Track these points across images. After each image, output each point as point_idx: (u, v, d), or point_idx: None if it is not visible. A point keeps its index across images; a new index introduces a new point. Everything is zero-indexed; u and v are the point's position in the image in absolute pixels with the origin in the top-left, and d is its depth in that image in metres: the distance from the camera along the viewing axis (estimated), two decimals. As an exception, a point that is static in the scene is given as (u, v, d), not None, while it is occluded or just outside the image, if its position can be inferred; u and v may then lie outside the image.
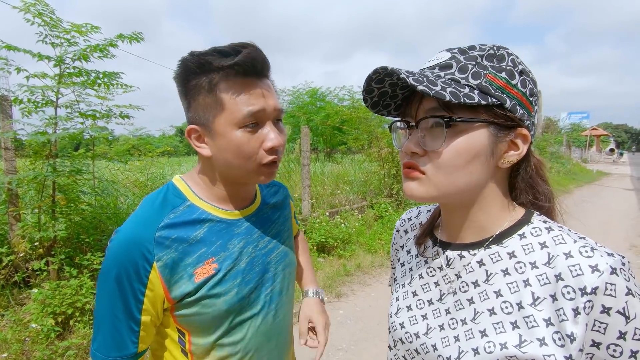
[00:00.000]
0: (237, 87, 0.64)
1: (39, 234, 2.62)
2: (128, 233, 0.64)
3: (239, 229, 0.74)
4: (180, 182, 0.74)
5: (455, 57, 0.50)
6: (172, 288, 0.65)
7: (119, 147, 3.56)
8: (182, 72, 0.65)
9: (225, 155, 0.66)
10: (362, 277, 3.80)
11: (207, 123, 0.66)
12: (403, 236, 0.74)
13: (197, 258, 0.67)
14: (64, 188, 2.84)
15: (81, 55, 2.72)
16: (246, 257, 0.73)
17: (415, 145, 0.51)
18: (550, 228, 0.52)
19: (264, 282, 0.76)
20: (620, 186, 11.80)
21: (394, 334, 0.63)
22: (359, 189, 6.27)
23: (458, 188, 0.51)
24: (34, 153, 2.76)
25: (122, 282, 0.62)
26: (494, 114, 0.49)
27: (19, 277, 2.68)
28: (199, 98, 0.65)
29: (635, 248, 4.86)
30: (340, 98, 14.76)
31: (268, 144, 0.66)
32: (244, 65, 0.63)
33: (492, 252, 0.54)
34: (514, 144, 0.51)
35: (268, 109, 0.66)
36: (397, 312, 0.63)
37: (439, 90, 0.46)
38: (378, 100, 0.56)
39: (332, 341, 2.65)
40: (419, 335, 0.58)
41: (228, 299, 0.69)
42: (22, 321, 2.39)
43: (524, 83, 0.51)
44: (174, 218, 0.67)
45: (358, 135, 6.74)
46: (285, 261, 0.82)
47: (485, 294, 0.52)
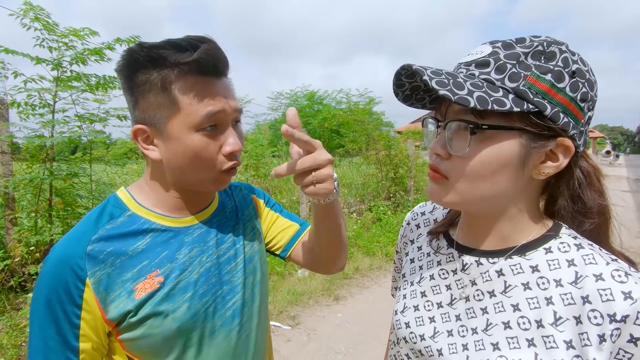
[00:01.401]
0: (195, 87, 0.57)
1: (36, 237, 2.60)
2: (57, 252, 0.57)
3: (190, 237, 0.66)
4: (123, 192, 0.67)
5: (495, 53, 0.45)
6: (108, 308, 0.57)
7: (117, 150, 3.56)
8: (128, 64, 0.58)
9: (179, 160, 0.60)
10: (360, 280, 3.79)
11: (158, 123, 0.59)
12: (414, 230, 0.71)
13: (138, 272, 0.59)
14: (61, 192, 2.82)
15: (78, 58, 2.72)
16: (199, 267, 0.65)
17: (442, 147, 0.49)
18: (580, 245, 0.48)
19: (224, 295, 0.67)
20: (617, 188, 11.85)
21: (398, 332, 0.61)
22: (357, 191, 6.28)
23: (481, 197, 0.48)
24: (30, 156, 2.76)
25: (53, 306, 0.55)
26: (528, 122, 0.44)
27: (15, 282, 2.65)
28: (149, 96, 0.58)
29: (633, 249, 4.88)
30: (338, 101, 14.81)
31: (227, 149, 0.61)
32: (203, 63, 0.56)
33: (514, 263, 0.50)
34: (554, 154, 0.46)
35: (228, 110, 0.60)
36: (404, 310, 0.61)
37: (464, 95, 0.42)
38: (410, 94, 0.53)
39: (331, 344, 2.64)
40: (425, 338, 0.56)
41: (178, 316, 0.60)
42: (18, 326, 2.37)
43: (575, 86, 0.45)
44: (111, 229, 0.60)
45: (355, 138, 6.76)
46: (249, 268, 0.73)
47: (502, 306, 0.50)
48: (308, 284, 3.56)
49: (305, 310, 3.11)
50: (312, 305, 3.22)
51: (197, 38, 0.58)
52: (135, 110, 0.61)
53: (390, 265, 4.19)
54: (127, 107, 2.16)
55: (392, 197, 6.16)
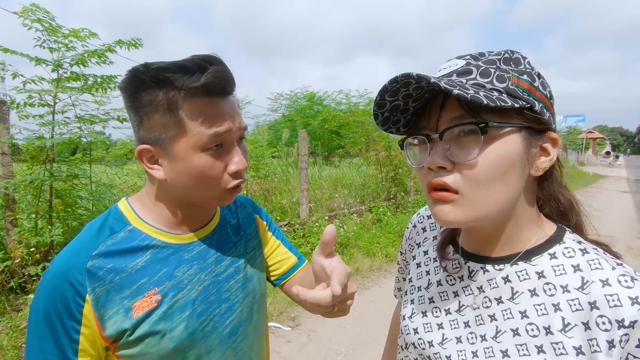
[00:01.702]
0: (202, 108, 0.57)
1: (36, 238, 2.60)
2: (57, 264, 0.57)
3: (190, 254, 0.66)
4: (124, 205, 0.66)
5: (470, 62, 0.47)
6: (105, 325, 0.57)
7: (117, 151, 3.56)
8: (133, 84, 0.57)
9: (185, 179, 0.60)
10: (360, 281, 3.79)
11: (163, 144, 0.59)
12: (420, 233, 0.70)
13: (137, 290, 0.59)
14: (61, 193, 2.83)
15: (79, 60, 2.72)
16: (198, 286, 0.65)
17: (442, 158, 0.46)
18: (585, 250, 0.48)
19: (222, 313, 0.67)
20: (617, 189, 11.86)
21: (407, 338, 0.60)
22: (357, 192, 6.28)
23: (499, 204, 0.46)
24: (31, 158, 2.76)
25: (52, 320, 0.55)
26: (525, 118, 0.46)
27: (15, 283, 2.65)
28: (155, 116, 0.57)
29: (633, 250, 4.88)
30: (338, 102, 14.82)
31: (232, 168, 0.61)
32: (211, 87, 0.57)
33: (520, 270, 0.50)
34: (544, 149, 0.49)
35: (233, 129, 0.60)
36: (412, 316, 0.61)
37: (474, 94, 0.42)
38: (389, 115, 0.52)
39: (331, 345, 2.64)
40: (433, 344, 0.55)
41: (175, 335, 0.60)
42: (18, 327, 2.37)
43: (544, 85, 0.49)
44: (111, 245, 0.60)
45: (355, 139, 6.76)
46: (249, 287, 0.73)
47: (510, 313, 0.49)
48: (308, 285, 3.55)
49: (305, 311, 3.10)
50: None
51: (204, 59, 0.57)
52: (139, 130, 0.60)
53: (390, 266, 4.19)
54: (127, 108, 2.06)
55: (392, 198, 6.16)
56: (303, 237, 4.34)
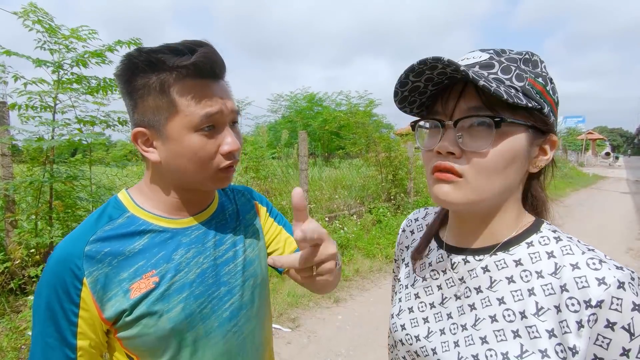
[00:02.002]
0: (193, 89, 0.59)
1: (35, 240, 2.60)
2: (57, 251, 0.60)
3: (188, 238, 0.67)
4: (123, 194, 0.68)
5: (493, 57, 0.49)
6: (104, 307, 0.59)
7: (116, 152, 3.56)
8: (127, 69, 0.59)
9: (178, 160, 0.61)
10: (360, 282, 3.79)
11: (157, 126, 0.60)
12: (409, 237, 0.73)
13: (134, 272, 0.60)
14: (61, 194, 2.83)
15: (79, 61, 2.73)
16: (196, 268, 0.65)
17: (453, 145, 0.48)
18: (558, 238, 0.51)
19: (220, 296, 0.68)
20: (617, 190, 11.87)
21: (395, 335, 0.62)
22: (357, 193, 6.28)
23: (494, 192, 0.49)
24: (31, 159, 2.76)
25: (53, 304, 0.57)
26: (534, 118, 0.48)
27: (15, 284, 2.65)
28: (149, 99, 0.59)
29: (632, 251, 4.88)
30: (338, 103, 14.84)
31: (225, 148, 0.62)
32: (201, 66, 0.58)
33: (498, 259, 0.53)
34: (543, 149, 0.52)
35: (225, 111, 0.62)
36: (399, 313, 0.62)
37: (497, 88, 0.44)
38: (408, 95, 0.53)
39: (331, 346, 2.63)
40: (420, 338, 0.57)
41: (173, 316, 0.61)
42: (18, 329, 2.37)
43: (554, 90, 0.51)
44: (109, 230, 0.62)
45: (356, 140, 6.76)
46: (249, 271, 0.73)
47: (488, 301, 0.51)
48: (308, 286, 3.55)
49: (305, 313, 3.10)
50: (312, 307, 3.22)
51: (194, 42, 0.60)
52: (134, 114, 0.62)
53: (390, 267, 4.19)
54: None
55: (392, 199, 6.16)
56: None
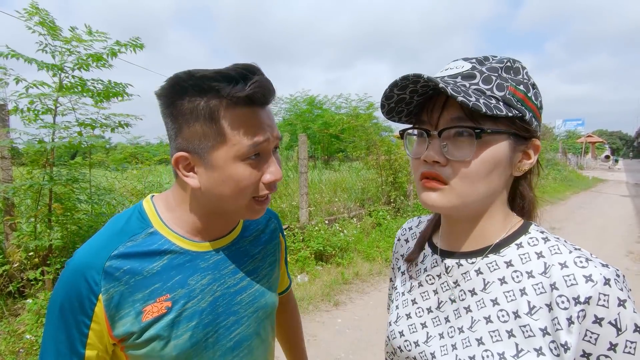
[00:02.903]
0: (243, 118, 0.58)
1: (35, 242, 2.59)
2: (77, 259, 0.59)
3: (206, 263, 0.66)
4: (149, 204, 0.67)
5: (475, 67, 0.51)
6: (115, 325, 0.59)
7: (116, 155, 3.56)
8: (174, 91, 0.58)
9: (220, 187, 0.60)
10: (360, 286, 3.78)
11: (201, 152, 0.59)
12: (404, 245, 0.74)
13: (149, 294, 0.60)
14: (60, 197, 2.82)
15: (81, 64, 2.74)
16: (209, 296, 0.65)
17: (438, 154, 0.51)
18: (546, 238, 0.53)
19: (228, 326, 0.67)
20: (616, 193, 11.87)
21: (393, 342, 0.62)
22: (357, 196, 6.28)
23: (478, 197, 0.51)
24: (30, 162, 2.76)
25: (66, 313, 0.58)
26: (515, 126, 0.50)
27: (13, 287, 2.64)
28: (196, 125, 0.58)
29: (633, 254, 4.87)
30: (338, 106, 14.86)
31: (268, 177, 0.62)
32: (255, 97, 0.57)
33: (490, 261, 0.54)
34: (527, 154, 0.53)
35: (271, 139, 0.61)
36: (397, 320, 0.63)
37: (475, 102, 0.46)
38: (394, 106, 0.56)
39: (331, 350, 2.62)
40: (419, 344, 0.57)
41: (179, 343, 0.61)
42: (16, 332, 2.36)
43: (537, 96, 0.53)
44: (131, 247, 0.61)
45: (356, 143, 6.77)
46: (259, 303, 0.72)
47: (482, 302, 0.53)
48: (307, 289, 3.55)
49: (304, 316, 3.09)
50: (312, 310, 3.21)
51: (246, 68, 0.58)
52: (177, 137, 0.60)
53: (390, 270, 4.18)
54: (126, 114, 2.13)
55: (392, 202, 6.16)
56: (303, 241, 4.33)
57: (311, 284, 3.66)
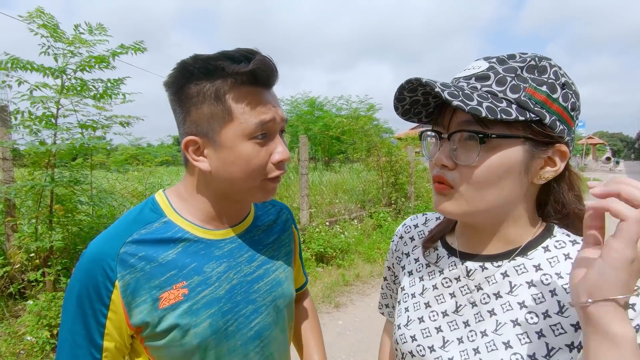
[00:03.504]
0: (249, 96, 0.59)
1: (36, 244, 2.59)
2: (92, 249, 0.59)
3: (221, 251, 0.66)
4: (161, 196, 0.67)
5: (493, 67, 0.49)
6: (132, 312, 0.58)
7: (117, 156, 3.56)
8: (181, 77, 0.59)
9: (230, 169, 0.61)
10: (361, 287, 3.77)
11: (210, 134, 0.60)
12: (408, 243, 0.71)
13: (165, 280, 0.60)
14: (61, 198, 2.83)
15: (83, 67, 2.74)
16: (226, 284, 0.65)
17: (447, 157, 0.50)
18: (575, 241, 0.52)
19: (247, 314, 0.67)
20: (618, 194, 11.81)
21: (403, 347, 0.60)
22: (357, 198, 6.28)
23: (488, 204, 0.50)
24: (32, 163, 2.76)
25: (83, 303, 0.57)
26: (531, 130, 0.47)
27: (14, 289, 2.64)
28: (203, 107, 0.59)
29: (634, 256, 4.85)
30: (339, 108, 14.89)
31: (277, 157, 0.62)
32: (258, 73, 0.58)
33: (518, 264, 0.53)
34: (551, 160, 0.50)
35: (277, 118, 0.62)
36: (408, 323, 0.61)
37: (475, 106, 0.44)
38: (409, 108, 0.55)
39: (331, 352, 2.61)
40: (434, 349, 0.56)
41: (199, 331, 0.61)
42: (16, 333, 2.36)
43: (566, 97, 0.49)
44: (145, 234, 0.61)
45: (357, 145, 6.77)
46: (277, 291, 0.72)
47: (509, 305, 0.51)
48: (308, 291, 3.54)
49: (305, 318, 3.08)
50: (313, 312, 3.20)
51: (249, 50, 0.60)
52: (185, 122, 0.61)
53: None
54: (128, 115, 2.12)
55: (393, 203, 6.15)
56: (304, 242, 4.33)
57: (312, 286, 3.65)
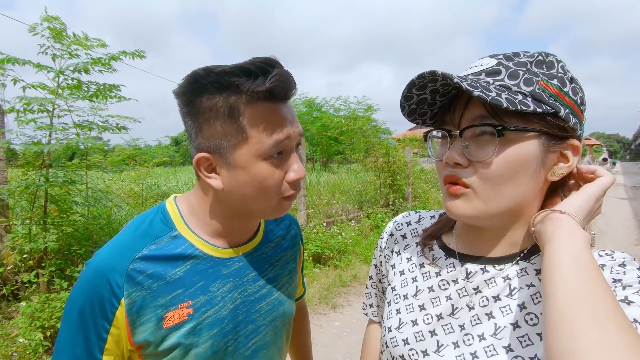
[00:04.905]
0: (264, 114, 0.55)
1: (29, 245, 2.57)
2: (100, 261, 0.58)
3: (228, 270, 0.65)
4: (172, 206, 0.65)
5: (502, 62, 0.48)
6: (135, 331, 0.57)
7: (114, 157, 3.54)
8: (192, 89, 0.55)
9: (244, 188, 0.58)
10: (358, 288, 3.76)
11: (223, 152, 0.57)
12: (400, 241, 0.69)
13: (171, 300, 0.58)
14: (56, 199, 2.80)
15: (82, 68, 2.73)
16: (230, 304, 0.63)
17: (460, 155, 0.48)
18: None
19: (247, 335, 0.66)
20: (614, 195, 11.90)
21: (394, 350, 0.58)
22: (355, 198, 6.27)
23: (503, 202, 0.48)
24: (26, 163, 2.74)
25: (86, 316, 0.56)
26: (546, 123, 0.46)
27: (7, 290, 2.62)
28: (216, 123, 0.55)
29: (631, 257, 4.87)
30: (337, 108, 14.90)
31: (292, 176, 0.59)
32: (275, 91, 0.55)
33: (520, 268, 0.51)
34: (564, 155, 0.49)
35: (293, 135, 0.58)
36: (400, 326, 0.59)
37: (495, 97, 0.43)
38: (416, 107, 0.53)
39: (328, 353, 2.60)
40: (428, 353, 0.54)
41: (200, 352, 0.60)
42: (9, 336, 2.33)
43: (575, 91, 0.48)
44: (155, 250, 0.59)
45: (355, 145, 6.77)
46: (278, 311, 0.71)
47: (509, 308, 0.50)
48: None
49: (302, 319, 3.07)
50: (309, 313, 3.18)
51: (266, 62, 0.55)
52: (197, 137, 0.58)
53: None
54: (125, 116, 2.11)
55: (391, 204, 6.15)
56: (301, 243, 4.32)
57: (309, 287, 3.64)
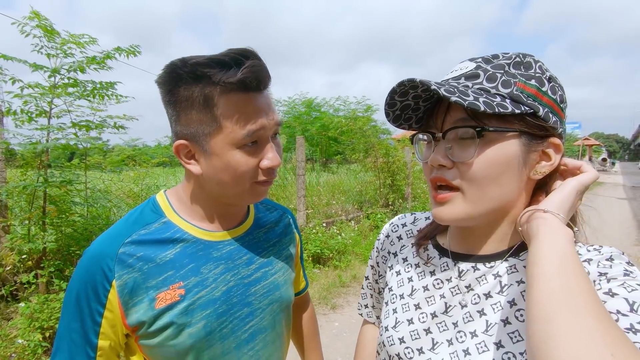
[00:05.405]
0: (237, 104, 0.57)
1: (28, 245, 2.56)
2: (93, 248, 0.60)
3: (219, 252, 0.66)
4: (162, 197, 0.68)
5: (480, 66, 0.50)
6: (129, 312, 0.59)
7: (114, 157, 3.53)
8: (170, 79, 0.58)
9: (219, 175, 0.61)
10: (357, 289, 3.76)
11: (199, 139, 0.59)
12: (396, 242, 0.71)
13: (163, 281, 0.60)
14: (55, 199, 2.79)
15: (78, 67, 2.72)
16: (222, 286, 0.65)
17: (443, 157, 0.50)
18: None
19: (242, 317, 0.67)
20: (614, 195, 11.91)
21: (390, 349, 0.59)
22: (354, 199, 6.27)
23: (490, 201, 0.49)
24: (25, 163, 2.73)
25: (81, 301, 0.58)
26: (526, 123, 0.48)
27: (6, 291, 2.61)
28: (192, 112, 0.58)
29: (630, 257, 4.87)
30: (336, 109, 14.92)
31: (265, 163, 0.61)
32: (247, 82, 0.56)
33: (509, 265, 0.53)
34: (546, 154, 0.50)
35: (268, 125, 0.60)
36: (396, 325, 0.60)
37: (472, 101, 0.45)
38: (400, 113, 0.55)
39: (328, 354, 2.60)
40: (423, 351, 0.55)
41: (193, 332, 0.61)
42: (8, 336, 2.32)
43: (554, 90, 0.50)
44: (144, 234, 0.62)
45: (355, 145, 6.77)
46: (274, 295, 0.72)
47: (499, 305, 0.51)
48: (305, 292, 3.52)
49: (302, 320, 3.07)
50: (309, 314, 3.19)
51: (240, 52, 0.57)
52: (176, 125, 0.61)
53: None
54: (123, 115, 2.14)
55: (390, 204, 6.15)
56: (300, 243, 4.31)
57: (309, 287, 3.63)
